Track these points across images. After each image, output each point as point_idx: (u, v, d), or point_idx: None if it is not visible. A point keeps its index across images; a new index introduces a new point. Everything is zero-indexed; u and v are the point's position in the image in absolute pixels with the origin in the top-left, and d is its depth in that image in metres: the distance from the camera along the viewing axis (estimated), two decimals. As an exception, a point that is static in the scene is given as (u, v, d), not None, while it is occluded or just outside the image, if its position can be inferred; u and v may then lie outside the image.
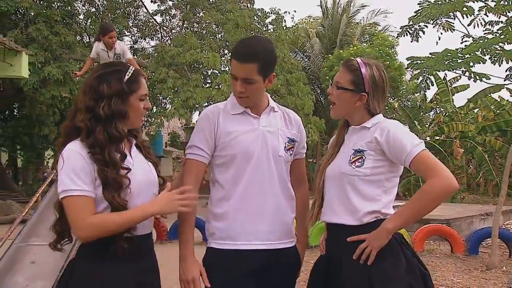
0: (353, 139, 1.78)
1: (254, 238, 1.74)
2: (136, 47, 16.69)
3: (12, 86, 11.47)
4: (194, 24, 13.95)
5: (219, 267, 1.72)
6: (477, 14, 6.19)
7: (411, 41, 6.74)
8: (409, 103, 18.93)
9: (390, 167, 1.70)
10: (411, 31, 6.71)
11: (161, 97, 12.58)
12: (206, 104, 10.62)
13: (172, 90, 10.62)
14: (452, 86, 16.93)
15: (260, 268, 1.74)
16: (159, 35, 15.48)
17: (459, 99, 39.59)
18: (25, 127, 13.86)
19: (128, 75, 1.66)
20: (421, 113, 18.16)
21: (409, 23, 6.64)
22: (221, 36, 13.20)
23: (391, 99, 17.56)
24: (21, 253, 3.24)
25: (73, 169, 1.54)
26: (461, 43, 6.20)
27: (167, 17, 16.62)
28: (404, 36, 6.82)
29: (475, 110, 17.12)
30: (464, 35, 6.35)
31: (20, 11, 11.35)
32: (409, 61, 6.34)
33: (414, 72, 7.11)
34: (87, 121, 1.59)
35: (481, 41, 5.84)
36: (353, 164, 1.71)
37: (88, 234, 1.53)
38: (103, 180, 1.55)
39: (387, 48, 16.35)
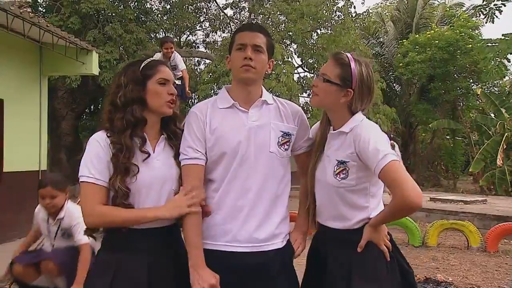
0: (334, 144, 1.74)
1: (233, 239, 1.68)
2: (208, 40, 17.23)
3: (94, 82, 12.43)
4: (260, 15, 13.95)
5: None
6: None
7: (486, 22, 6.13)
8: (495, 89, 17.29)
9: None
10: (485, 11, 6.10)
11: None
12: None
13: (235, 82, 10.74)
14: (548, 68, 15.13)
15: (241, 272, 1.66)
16: (230, 28, 15.76)
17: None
18: (106, 120, 14.96)
19: (145, 63, 1.75)
20: (510, 100, 16.52)
21: (483, 2, 6.03)
22: (283, 26, 13.07)
23: (474, 85, 16.16)
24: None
25: (90, 156, 1.64)
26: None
27: (237, 10, 16.94)
28: (477, 16, 6.22)
29: None
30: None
31: (102, 12, 12.17)
32: (479, 44, 5.76)
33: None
34: (108, 112, 1.71)
35: None
36: (338, 176, 1.69)
37: (93, 221, 1.63)
38: (114, 165, 1.62)
39: (470, 30, 15.01)
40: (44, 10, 13.29)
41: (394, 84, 19.15)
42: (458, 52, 14.84)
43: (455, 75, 15.82)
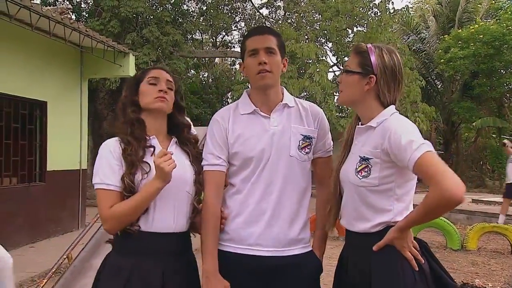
0: (360, 140, 1.64)
1: (255, 243, 1.67)
2: (244, 40, 17.37)
3: (133, 83, 12.82)
4: (295, 14, 13.88)
5: (220, 270, 1.66)
6: None
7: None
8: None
9: (402, 172, 1.51)
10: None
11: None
12: (300, 95, 10.57)
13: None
14: None
15: (262, 275, 1.65)
16: (265, 28, 15.81)
17: None
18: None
19: (141, 70, 1.84)
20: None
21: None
22: (318, 25, 12.93)
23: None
24: (104, 237, 3.63)
25: (99, 162, 1.66)
26: None
27: (272, 9, 16.95)
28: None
29: None
30: None
31: (140, 15, 12.52)
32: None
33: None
34: (116, 122, 1.81)
35: None
36: (360, 173, 1.57)
37: (110, 225, 1.63)
38: (124, 160, 1.64)
39: (517, 23, 14.24)
40: (87, 15, 13.85)
41: (436, 81, 18.52)
42: (504, 47, 14.14)
43: (501, 70, 15.08)
